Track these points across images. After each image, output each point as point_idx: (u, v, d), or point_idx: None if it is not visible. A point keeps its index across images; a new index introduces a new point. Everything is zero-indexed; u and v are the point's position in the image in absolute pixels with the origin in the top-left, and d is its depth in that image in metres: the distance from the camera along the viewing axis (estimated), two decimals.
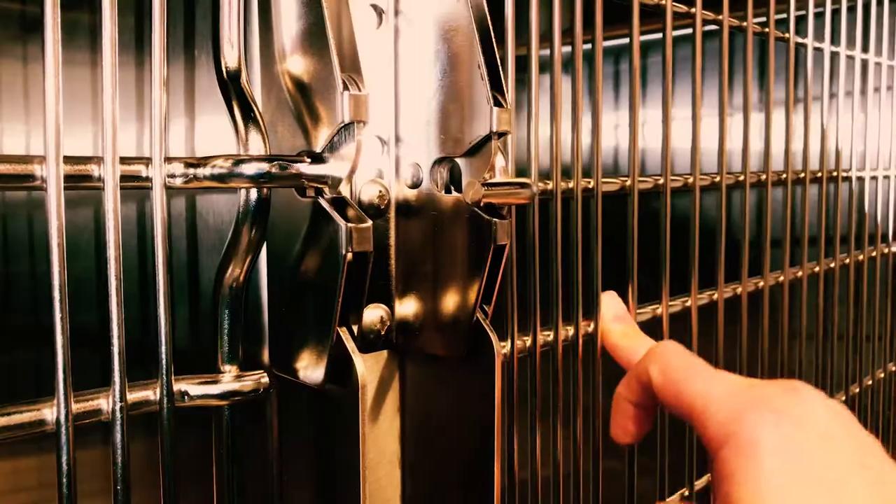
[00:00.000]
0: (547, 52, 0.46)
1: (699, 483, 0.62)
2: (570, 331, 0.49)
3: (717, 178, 0.61)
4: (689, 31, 0.58)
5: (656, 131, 0.70)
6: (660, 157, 0.56)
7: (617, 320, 0.49)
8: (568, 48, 0.47)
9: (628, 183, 0.52)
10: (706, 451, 0.34)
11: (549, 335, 0.48)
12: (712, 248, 0.61)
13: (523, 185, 0.39)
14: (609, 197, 0.51)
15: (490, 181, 0.37)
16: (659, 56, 0.56)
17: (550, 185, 0.47)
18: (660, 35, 0.55)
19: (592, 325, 0.49)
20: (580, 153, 0.48)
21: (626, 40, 0.52)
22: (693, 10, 0.57)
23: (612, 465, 0.54)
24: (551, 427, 0.49)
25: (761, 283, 0.67)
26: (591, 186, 0.50)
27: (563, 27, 0.46)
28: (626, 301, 0.52)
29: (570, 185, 0.48)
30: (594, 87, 0.50)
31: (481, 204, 0.37)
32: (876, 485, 0.31)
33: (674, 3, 0.55)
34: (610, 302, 0.49)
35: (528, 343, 0.47)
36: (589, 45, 0.49)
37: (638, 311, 0.53)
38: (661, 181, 0.55)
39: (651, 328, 0.52)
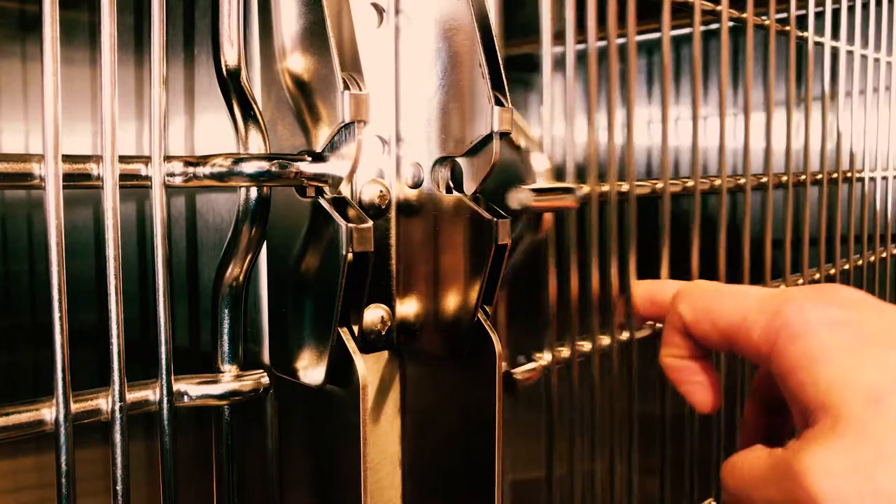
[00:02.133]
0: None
1: None
2: (606, 340, 0.47)
3: (742, 181, 0.60)
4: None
5: (657, 131, 0.70)
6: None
7: (641, 283, 0.47)
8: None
9: (659, 186, 0.51)
10: (758, 369, 0.33)
11: (584, 345, 0.46)
12: (737, 251, 0.60)
13: (567, 190, 0.37)
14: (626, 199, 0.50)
15: (537, 187, 0.36)
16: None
17: (587, 189, 0.45)
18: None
19: (627, 334, 0.48)
20: (614, 156, 0.47)
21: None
22: (719, 7, 0.56)
23: (643, 469, 0.53)
24: (589, 438, 0.47)
25: (783, 286, 0.67)
26: (624, 190, 0.48)
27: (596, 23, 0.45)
28: None
29: (605, 188, 0.47)
30: (626, 87, 0.48)
31: (528, 210, 0.36)
32: None
33: (702, 1, 0.54)
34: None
35: (567, 353, 0.45)
36: (623, 39, 0.48)
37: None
38: (690, 184, 0.54)
39: None
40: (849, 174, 0.78)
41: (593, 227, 0.46)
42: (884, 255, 0.86)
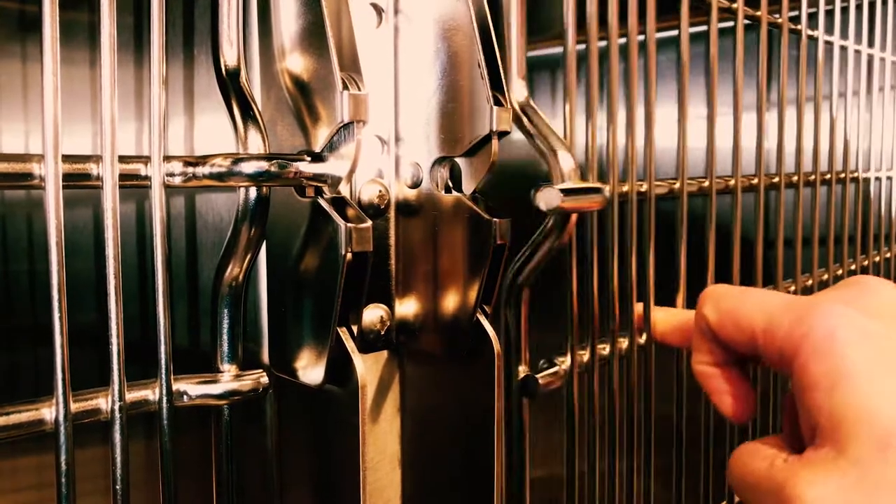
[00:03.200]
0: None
1: None
2: (625, 343, 0.47)
3: (755, 181, 0.60)
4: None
5: (666, 131, 0.70)
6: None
7: (657, 310, 0.47)
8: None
9: (677, 186, 0.51)
10: (780, 377, 0.32)
11: (605, 348, 0.46)
12: (751, 253, 0.60)
13: (595, 191, 0.37)
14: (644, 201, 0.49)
15: (565, 187, 0.35)
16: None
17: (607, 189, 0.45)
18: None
19: (645, 337, 0.48)
20: (635, 154, 0.46)
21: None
22: (735, 5, 0.56)
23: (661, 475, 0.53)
24: (608, 442, 0.47)
25: (795, 284, 0.67)
26: (643, 190, 0.48)
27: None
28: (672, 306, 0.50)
29: (626, 188, 0.46)
30: (647, 83, 0.48)
31: (558, 211, 0.35)
32: None
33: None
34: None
35: (587, 357, 0.45)
36: (642, 36, 0.47)
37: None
38: (706, 184, 0.54)
39: None
40: (855, 174, 0.78)
41: (624, 228, 0.45)
42: (888, 255, 0.86)
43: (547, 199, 0.35)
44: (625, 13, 0.46)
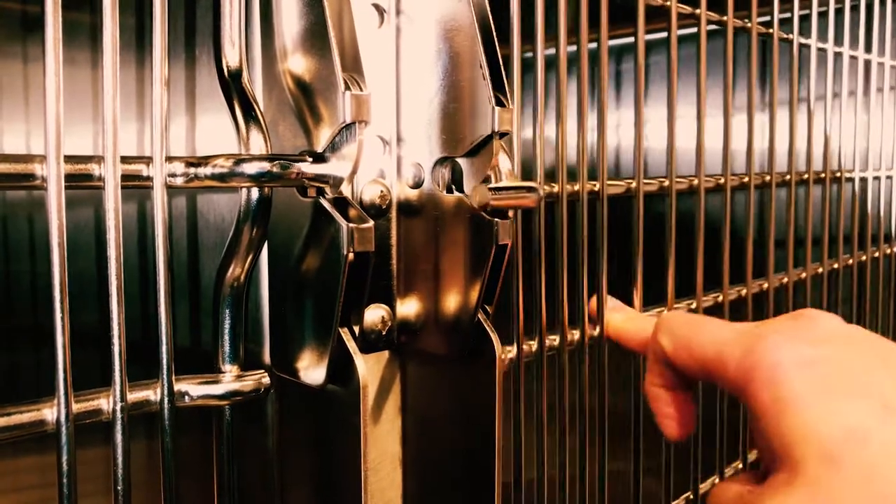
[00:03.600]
0: (551, 51, 0.46)
1: (704, 486, 0.62)
2: (577, 334, 0.49)
3: (722, 180, 0.61)
4: (693, 30, 0.58)
5: (656, 131, 0.70)
6: (660, 157, 0.56)
7: (615, 310, 0.49)
8: (572, 48, 0.47)
9: (633, 185, 0.52)
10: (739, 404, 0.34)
11: (555, 339, 0.48)
12: (717, 250, 0.61)
13: (530, 189, 0.38)
14: (613, 199, 0.51)
15: (496, 185, 0.37)
16: (661, 56, 0.55)
17: (556, 188, 0.47)
18: (663, 35, 0.55)
19: (598, 329, 0.49)
20: (585, 155, 0.48)
21: (630, 40, 0.52)
22: (697, 10, 0.57)
23: (618, 466, 0.54)
24: (557, 430, 0.48)
25: (766, 285, 0.67)
26: (596, 189, 0.49)
27: (568, 27, 0.46)
28: (631, 303, 0.52)
29: (576, 187, 0.48)
30: (598, 88, 0.50)
31: (488, 208, 0.37)
32: None
33: (678, 4, 0.55)
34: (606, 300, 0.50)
35: (535, 347, 0.46)
36: (594, 45, 0.49)
37: (644, 313, 0.53)
38: (666, 183, 0.55)
39: None
40: (838, 174, 0.78)
41: (563, 227, 0.47)
42: (876, 254, 0.86)
43: (480, 196, 0.37)
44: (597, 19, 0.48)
